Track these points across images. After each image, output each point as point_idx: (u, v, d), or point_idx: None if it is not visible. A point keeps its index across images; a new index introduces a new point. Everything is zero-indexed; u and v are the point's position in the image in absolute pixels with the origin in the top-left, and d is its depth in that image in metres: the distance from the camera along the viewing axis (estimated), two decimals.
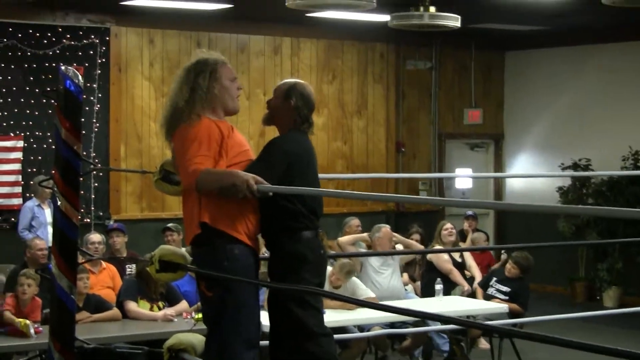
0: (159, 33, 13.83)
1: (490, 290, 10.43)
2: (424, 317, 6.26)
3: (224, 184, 4.80)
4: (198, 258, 5.04)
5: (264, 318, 5.13)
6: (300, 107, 5.22)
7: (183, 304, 8.78)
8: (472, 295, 10.63)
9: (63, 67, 5.06)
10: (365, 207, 15.21)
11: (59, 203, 5.02)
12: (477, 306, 9.78)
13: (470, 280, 11.15)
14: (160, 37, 13.84)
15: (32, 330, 7.75)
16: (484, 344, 10.71)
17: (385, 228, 10.39)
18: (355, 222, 11.86)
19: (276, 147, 5.14)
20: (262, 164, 5.01)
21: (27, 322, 7.78)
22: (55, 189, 5.06)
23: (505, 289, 10.35)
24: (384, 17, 11.57)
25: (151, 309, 8.70)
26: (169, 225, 11.34)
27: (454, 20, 10.66)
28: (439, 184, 16.20)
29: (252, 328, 5.02)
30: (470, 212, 13.70)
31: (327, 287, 8.44)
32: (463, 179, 16.53)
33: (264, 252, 5.49)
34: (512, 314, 9.87)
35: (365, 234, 10.76)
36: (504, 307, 9.66)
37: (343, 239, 10.67)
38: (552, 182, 15.33)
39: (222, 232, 4.94)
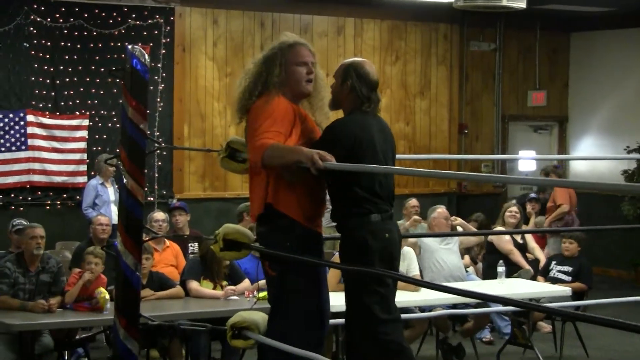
0: (222, 13, 13.88)
1: (552, 274, 10.37)
2: (486, 299, 6.23)
3: (288, 159, 4.78)
4: (262, 237, 5.08)
5: (337, 299, 5.14)
6: (358, 87, 5.14)
7: (245, 283, 8.82)
8: (535, 277, 10.57)
9: (130, 46, 5.09)
10: (427, 188, 15.17)
11: (124, 181, 5.06)
12: (539, 289, 9.71)
13: (534, 262, 11.08)
14: (224, 17, 13.89)
15: (108, 305, 7.79)
16: (546, 327, 10.65)
17: (441, 208, 10.36)
18: (411, 202, 11.79)
19: (333, 131, 5.08)
20: (320, 147, 4.93)
21: (107, 296, 7.83)
22: (122, 167, 5.10)
23: (566, 268, 10.29)
24: None
25: (214, 289, 8.74)
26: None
27: (519, 1, 10.56)
28: (501, 166, 16.09)
29: (313, 308, 5.04)
30: (533, 195, 13.60)
31: None
32: (526, 161, 16.40)
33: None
34: (576, 295, 9.79)
35: (415, 217, 10.80)
36: (566, 289, 9.59)
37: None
38: (616, 165, 15.15)
39: (283, 214, 4.96)
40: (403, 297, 8.52)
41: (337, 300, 5.19)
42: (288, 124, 4.96)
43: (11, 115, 12.52)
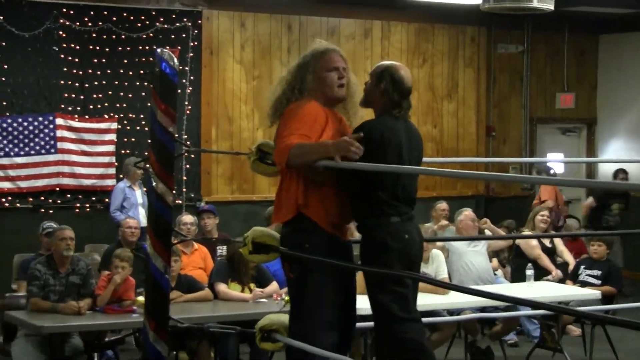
0: (250, 16, 13.90)
1: (581, 277, 10.32)
2: (515, 302, 6.20)
3: (314, 155, 4.84)
4: (284, 238, 5.13)
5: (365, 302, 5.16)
6: (391, 92, 5.17)
7: (273, 285, 8.82)
8: (564, 281, 10.53)
9: (159, 50, 5.12)
10: (455, 191, 15.14)
11: (154, 184, 5.08)
12: (568, 292, 9.67)
13: (563, 266, 11.03)
14: (252, 20, 13.92)
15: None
16: (575, 330, 10.60)
17: (467, 211, 10.35)
18: (441, 206, 11.79)
19: (361, 131, 5.07)
20: None
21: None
22: (151, 170, 5.12)
23: (595, 272, 10.24)
24: (476, 0, 11.47)
25: (242, 292, 8.76)
26: None
27: (547, 3, 10.51)
28: (529, 168, 16.03)
29: (331, 311, 5.07)
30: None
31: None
32: (554, 163, 16.33)
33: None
34: (606, 298, 9.74)
35: (442, 223, 10.82)
36: (596, 293, 9.53)
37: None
38: None
39: (307, 217, 5.01)
40: (431, 299, 8.52)
41: (365, 303, 5.21)
42: (319, 128, 5.00)
43: (40, 119, 12.59)
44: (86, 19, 12.82)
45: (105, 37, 12.92)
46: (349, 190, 5.10)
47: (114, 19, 12.94)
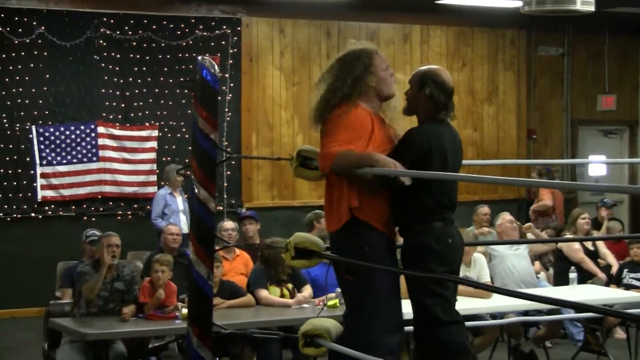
0: (289, 23, 13.94)
1: (626, 281, 10.23)
2: (559, 305, 6.18)
3: (358, 165, 4.87)
4: (338, 243, 5.13)
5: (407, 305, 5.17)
6: (436, 95, 5.17)
7: (308, 289, 8.82)
8: (608, 284, 10.44)
9: (200, 57, 5.13)
10: (496, 194, 15.09)
11: (196, 191, 5.09)
12: (612, 295, 9.59)
13: (606, 268, 10.95)
14: (291, 26, 13.95)
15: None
16: (620, 333, 10.51)
17: (505, 215, 10.34)
18: (483, 210, 11.76)
19: (408, 141, 5.13)
20: (394, 156, 5.00)
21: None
22: (193, 177, 5.14)
23: (639, 275, 10.15)
24: (516, 3, 11.43)
25: (281, 293, 8.76)
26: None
27: (588, 5, 10.43)
28: (571, 170, 15.93)
29: (392, 313, 5.09)
30: (606, 200, 13.44)
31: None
32: (596, 166, 16.22)
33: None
34: None
35: (483, 230, 10.81)
36: None
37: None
38: None
39: (362, 220, 5.02)
40: (474, 304, 8.48)
41: (407, 307, 5.21)
42: (365, 135, 5.01)
43: (82, 127, 12.71)
44: (126, 28, 12.92)
45: (145, 45, 13.02)
46: (395, 195, 5.10)
47: (154, 27, 13.04)
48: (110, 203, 12.92)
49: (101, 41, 12.82)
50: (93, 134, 12.74)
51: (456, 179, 5.28)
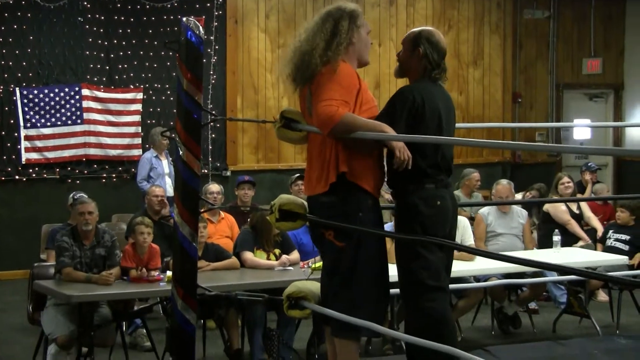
0: None
1: (610, 242, 10.28)
2: (542, 268, 6.16)
3: (364, 131, 4.81)
4: (329, 207, 5.00)
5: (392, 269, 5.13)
6: (430, 54, 5.13)
7: (295, 254, 8.81)
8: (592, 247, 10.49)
9: (184, 19, 5.10)
10: (481, 158, 15.10)
11: (180, 153, 5.07)
12: (596, 257, 9.64)
13: (591, 232, 10.99)
14: None
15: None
16: (602, 296, 10.57)
17: (503, 182, 10.22)
18: (475, 175, 11.65)
19: (400, 97, 5.05)
20: (387, 118, 4.95)
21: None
22: (177, 139, 5.11)
23: (624, 237, 10.19)
24: None
25: (267, 258, 8.77)
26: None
27: None
28: (556, 134, 15.95)
29: (383, 279, 5.03)
30: (591, 164, 13.45)
31: None
32: (581, 129, 16.23)
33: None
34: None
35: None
36: (623, 258, 9.50)
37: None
38: None
39: (356, 184, 4.94)
40: (458, 266, 8.49)
41: (392, 270, 5.18)
42: (354, 92, 4.93)
43: (67, 90, 12.64)
44: None
45: (130, 7, 12.94)
46: (389, 158, 5.03)
47: None
48: (95, 166, 12.89)
49: (85, 2, 12.73)
50: (77, 96, 12.69)
51: (449, 142, 5.24)
